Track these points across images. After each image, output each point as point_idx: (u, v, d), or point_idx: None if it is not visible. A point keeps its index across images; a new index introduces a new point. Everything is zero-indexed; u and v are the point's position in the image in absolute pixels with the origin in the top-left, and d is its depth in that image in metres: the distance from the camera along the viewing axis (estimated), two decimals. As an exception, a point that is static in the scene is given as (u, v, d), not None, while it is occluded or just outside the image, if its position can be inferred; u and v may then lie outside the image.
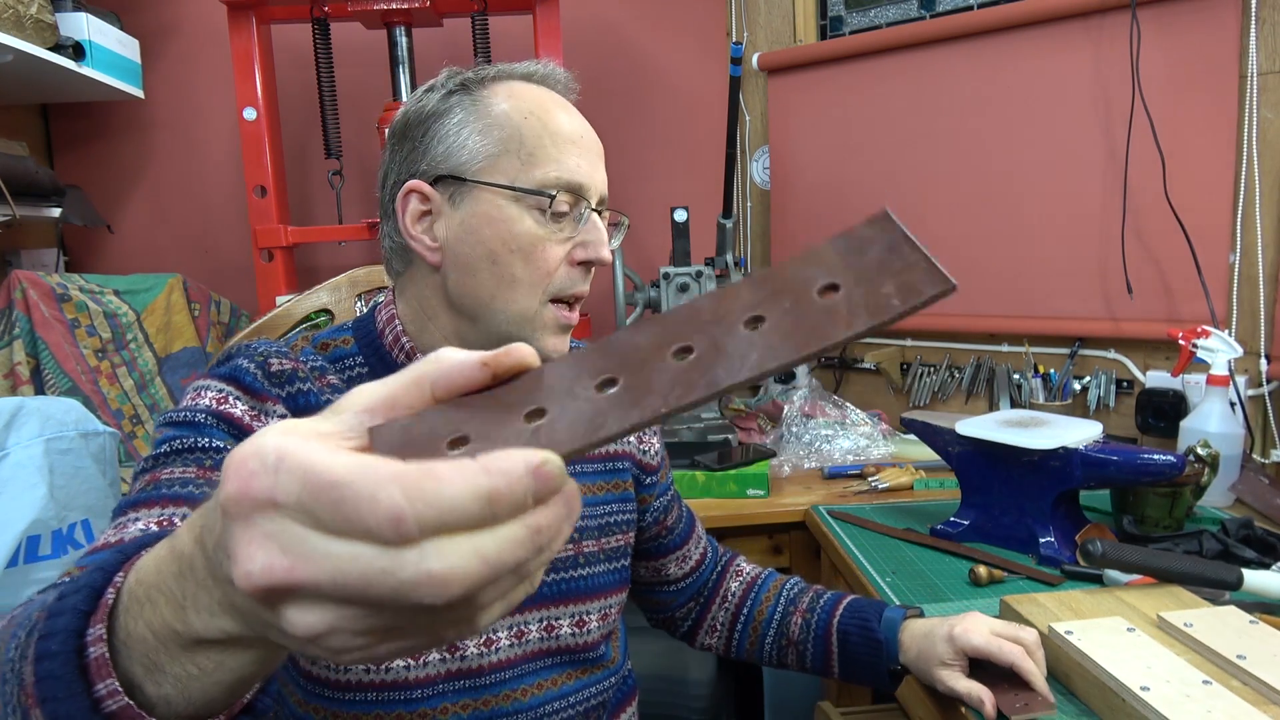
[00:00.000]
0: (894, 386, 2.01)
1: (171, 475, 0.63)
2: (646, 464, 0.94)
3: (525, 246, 0.73)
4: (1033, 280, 1.77)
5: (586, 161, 0.75)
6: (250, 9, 1.77)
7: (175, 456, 0.65)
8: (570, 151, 0.74)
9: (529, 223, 0.73)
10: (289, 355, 0.74)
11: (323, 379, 0.75)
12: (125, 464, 1.56)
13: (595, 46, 2.16)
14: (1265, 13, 1.45)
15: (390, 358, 0.78)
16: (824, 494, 1.53)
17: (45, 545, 1.05)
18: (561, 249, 0.74)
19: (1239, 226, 1.51)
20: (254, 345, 0.75)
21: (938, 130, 1.86)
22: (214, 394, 0.70)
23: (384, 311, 0.80)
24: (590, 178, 0.75)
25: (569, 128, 0.75)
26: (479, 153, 0.74)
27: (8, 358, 1.53)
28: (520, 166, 0.73)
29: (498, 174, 0.73)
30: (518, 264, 0.73)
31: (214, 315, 1.93)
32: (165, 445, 0.67)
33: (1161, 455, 1.10)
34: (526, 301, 0.74)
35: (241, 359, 0.72)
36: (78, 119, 2.07)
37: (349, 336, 0.80)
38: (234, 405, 0.69)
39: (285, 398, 0.71)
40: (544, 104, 0.75)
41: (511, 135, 0.73)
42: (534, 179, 0.73)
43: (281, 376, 0.72)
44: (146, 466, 0.66)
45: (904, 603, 1.01)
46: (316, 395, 0.73)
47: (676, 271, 1.67)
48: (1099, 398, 1.68)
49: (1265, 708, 0.71)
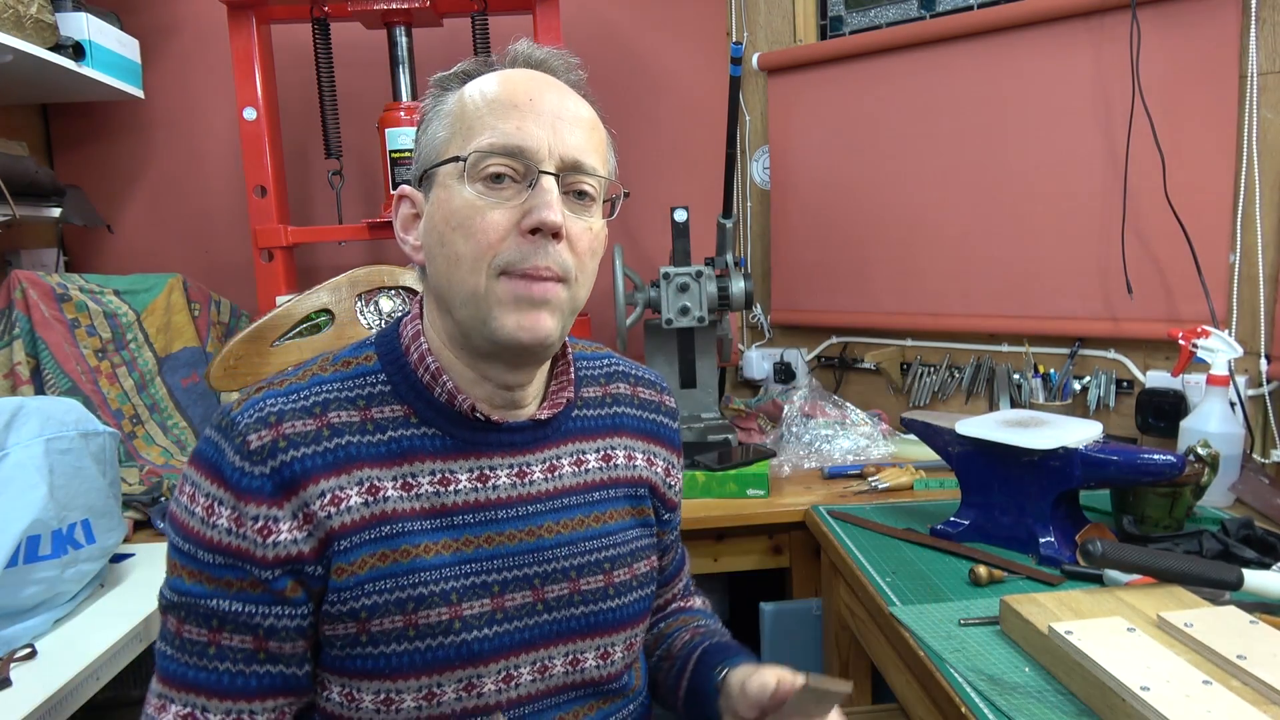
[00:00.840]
0: (894, 386, 2.01)
1: (193, 647, 0.69)
2: (669, 499, 0.90)
3: (463, 220, 0.69)
4: (1033, 280, 1.77)
5: (535, 124, 0.70)
6: (250, 9, 1.77)
7: (190, 615, 0.69)
8: (509, 116, 0.70)
9: (468, 194, 0.69)
10: (276, 415, 0.70)
11: (323, 419, 0.71)
12: (125, 464, 1.56)
13: (595, 47, 2.16)
14: (1265, 13, 1.45)
15: (415, 377, 0.75)
16: (824, 494, 1.53)
17: (45, 545, 1.05)
18: (504, 215, 0.69)
19: (1239, 226, 1.51)
20: (243, 414, 0.70)
21: (938, 130, 1.86)
22: (203, 502, 0.68)
23: (410, 326, 0.77)
24: (535, 139, 0.69)
25: (511, 94, 0.71)
26: (437, 142, 0.73)
27: (8, 358, 1.53)
28: (461, 144, 0.71)
29: (445, 156, 0.72)
30: (459, 239, 0.69)
31: (214, 315, 1.93)
32: (177, 596, 0.69)
33: (1161, 455, 1.10)
34: (473, 279, 0.69)
35: (225, 442, 0.69)
36: (78, 119, 2.07)
37: (371, 353, 0.77)
38: (219, 515, 0.68)
39: (270, 474, 0.68)
40: (497, 80, 0.73)
41: (458, 117, 0.72)
42: (468, 149, 0.70)
43: (262, 453, 0.68)
44: (167, 601, 0.70)
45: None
46: (304, 461, 0.69)
47: (676, 271, 1.67)
48: (1099, 398, 1.68)
49: (1265, 708, 0.71)
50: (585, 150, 0.72)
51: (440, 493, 0.73)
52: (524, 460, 0.77)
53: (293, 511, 0.68)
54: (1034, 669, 0.87)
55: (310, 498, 0.69)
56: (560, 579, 0.77)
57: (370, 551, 0.70)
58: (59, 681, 0.95)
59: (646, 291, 1.70)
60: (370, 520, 0.70)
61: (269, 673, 0.70)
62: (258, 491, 0.68)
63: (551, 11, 1.80)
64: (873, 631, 1.17)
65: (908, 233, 1.93)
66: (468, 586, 0.72)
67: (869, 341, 2.06)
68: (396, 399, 0.74)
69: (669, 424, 0.91)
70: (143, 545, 1.38)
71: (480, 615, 0.72)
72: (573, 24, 2.03)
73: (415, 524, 0.72)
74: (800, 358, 2.12)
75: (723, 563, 1.55)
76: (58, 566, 1.07)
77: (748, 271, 1.79)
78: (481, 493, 0.74)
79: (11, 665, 0.98)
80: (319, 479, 0.69)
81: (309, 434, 0.71)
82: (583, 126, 0.73)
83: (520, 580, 0.75)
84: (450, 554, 0.72)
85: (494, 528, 0.74)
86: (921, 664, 0.93)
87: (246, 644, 0.69)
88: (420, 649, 0.70)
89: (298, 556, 0.68)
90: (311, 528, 0.68)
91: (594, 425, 0.84)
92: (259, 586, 0.68)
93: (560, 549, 0.77)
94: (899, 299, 1.97)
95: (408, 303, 1.37)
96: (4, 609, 1.03)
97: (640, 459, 0.86)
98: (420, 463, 0.73)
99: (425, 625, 0.70)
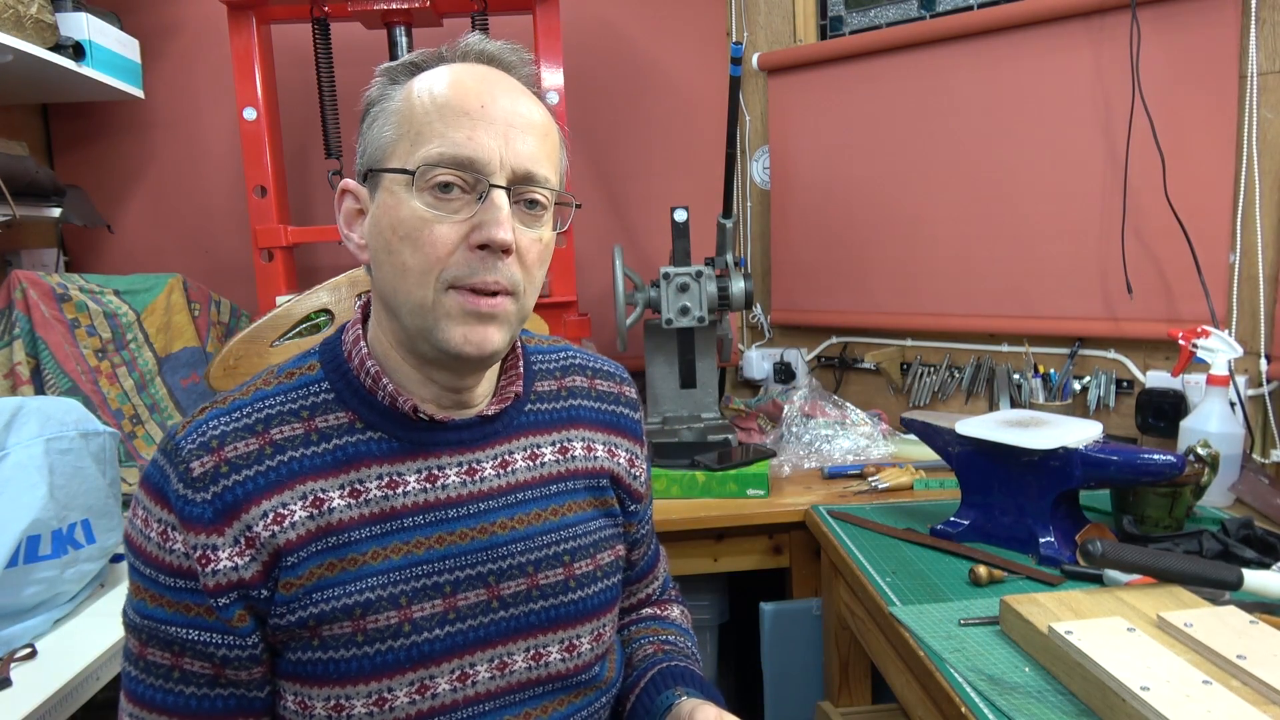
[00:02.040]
0: (894, 386, 2.01)
1: (157, 670, 0.70)
2: (635, 490, 0.89)
3: (411, 232, 0.68)
4: (1033, 280, 1.77)
5: (487, 134, 0.68)
6: (250, 9, 1.77)
7: (152, 639, 0.70)
8: (460, 124, 0.68)
9: (416, 205, 0.68)
10: (217, 439, 0.70)
11: (265, 436, 0.71)
12: (125, 464, 1.56)
13: (595, 46, 2.16)
14: (1265, 13, 1.45)
15: (357, 382, 0.74)
16: (824, 494, 1.53)
17: (45, 545, 1.05)
18: (452, 231, 0.67)
19: (1239, 226, 1.51)
20: (186, 439, 0.70)
21: (938, 130, 1.86)
22: (156, 528, 0.69)
23: (351, 331, 0.77)
24: (485, 150, 0.67)
25: (461, 99, 0.69)
26: (384, 140, 0.71)
27: (8, 358, 1.53)
28: (409, 150, 0.68)
29: (393, 160, 0.70)
30: (406, 250, 0.68)
31: (214, 315, 1.93)
32: (140, 618, 0.70)
33: (1161, 455, 1.10)
34: (420, 291, 0.68)
35: (170, 468, 0.69)
36: (78, 119, 2.07)
37: (315, 361, 0.77)
38: (173, 540, 0.68)
39: (211, 499, 0.68)
40: (447, 79, 0.70)
41: (406, 117, 0.70)
42: (416, 158, 0.68)
43: (204, 479, 0.68)
44: (130, 623, 0.71)
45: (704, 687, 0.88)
46: (245, 485, 0.69)
47: (676, 271, 1.67)
48: (1099, 398, 1.68)
49: (1265, 708, 0.71)
50: (537, 159, 0.71)
51: (389, 496, 0.72)
52: (473, 458, 0.77)
53: (234, 537, 0.68)
54: (1034, 669, 0.87)
55: (253, 519, 0.68)
56: (516, 574, 0.76)
57: (317, 564, 0.70)
58: (59, 681, 0.95)
59: (646, 291, 1.70)
60: (315, 533, 0.70)
61: (231, 694, 0.71)
62: (198, 519, 0.68)
63: (551, 11, 1.80)
64: (873, 631, 1.17)
65: (908, 233, 1.93)
66: (418, 589, 0.72)
67: (869, 341, 2.06)
68: (340, 406, 0.74)
69: (629, 415, 0.90)
70: (143, 545, 1.38)
71: (431, 616, 0.72)
72: (573, 24, 2.03)
73: (363, 530, 0.71)
74: (800, 358, 2.12)
75: (723, 563, 1.55)
76: (58, 566, 1.07)
77: (748, 271, 1.79)
78: (431, 493, 0.74)
79: (11, 665, 0.98)
80: (260, 500, 0.69)
81: (251, 454, 0.70)
82: (535, 133, 0.71)
83: (473, 579, 0.74)
84: (400, 557, 0.72)
85: (444, 527, 0.74)
86: (921, 664, 0.93)
87: (206, 669, 0.69)
88: (369, 654, 0.70)
89: (239, 582, 0.68)
90: (254, 551, 0.68)
91: (548, 418, 0.83)
92: (211, 614, 0.68)
93: (515, 544, 0.76)
94: (899, 299, 1.97)
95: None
96: (4, 609, 1.03)
97: (600, 450, 0.85)
98: (367, 468, 0.73)
99: (374, 630, 0.70)
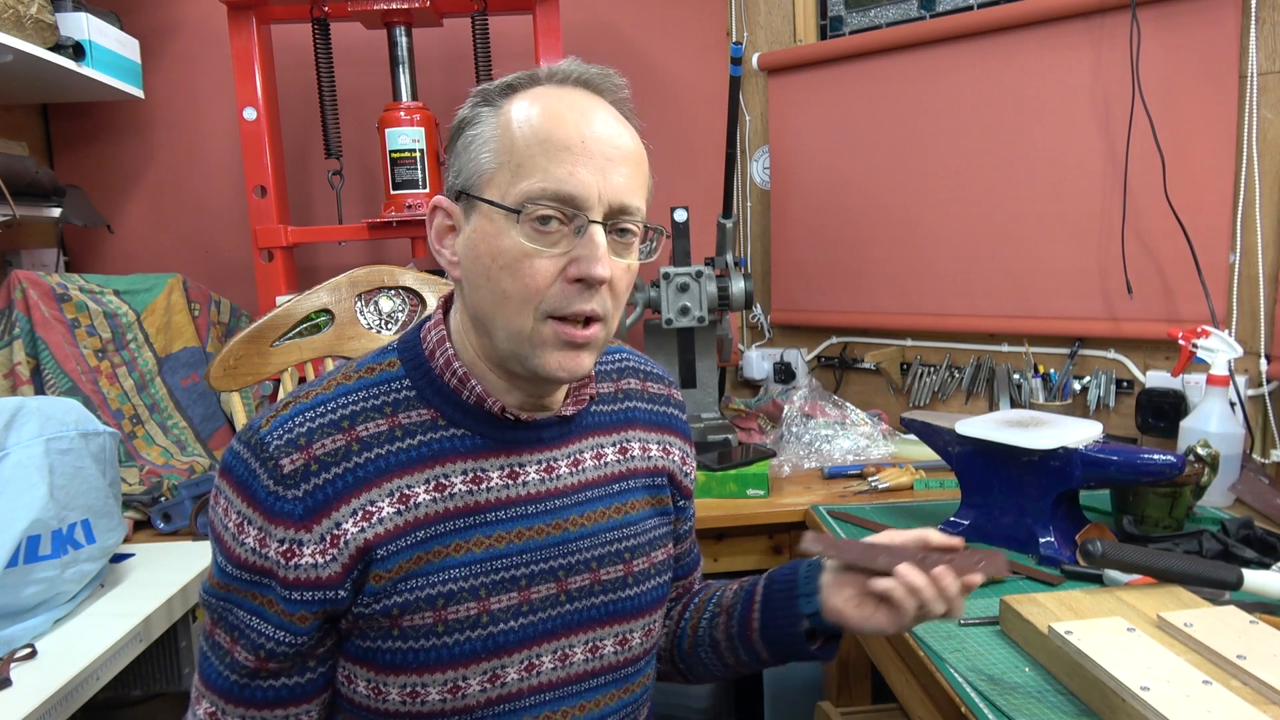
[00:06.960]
0: (894, 386, 2.01)
1: (218, 651, 0.73)
2: (685, 487, 0.92)
3: (511, 263, 0.70)
4: (1033, 280, 1.77)
5: (586, 169, 0.70)
6: (250, 9, 1.77)
7: (220, 620, 0.73)
8: (561, 159, 0.69)
9: (516, 237, 0.70)
10: (305, 436, 0.72)
11: (351, 432, 0.73)
12: (125, 464, 1.56)
13: (595, 47, 2.16)
14: (1265, 13, 1.45)
15: (440, 381, 0.76)
16: (824, 494, 1.53)
17: (45, 545, 1.05)
18: (551, 264, 0.70)
19: (1239, 226, 1.51)
20: (272, 434, 0.72)
21: (938, 130, 1.86)
22: (234, 519, 0.71)
23: (433, 331, 0.78)
24: (585, 187, 0.69)
25: (564, 133, 0.70)
26: (483, 167, 0.72)
27: (8, 358, 1.53)
28: (510, 179, 0.70)
29: (492, 189, 0.71)
30: (506, 280, 0.70)
31: (214, 315, 1.93)
32: (212, 598, 0.74)
33: (1161, 455, 1.10)
34: (519, 320, 0.71)
35: (257, 464, 0.71)
36: (78, 119, 2.07)
37: (395, 359, 0.78)
38: (247, 534, 0.70)
39: (303, 497, 0.70)
40: (548, 109, 0.72)
41: (506, 147, 0.71)
42: (519, 192, 0.69)
43: (295, 476, 0.70)
44: (205, 599, 0.74)
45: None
46: (335, 483, 0.71)
47: (676, 271, 1.67)
48: (1099, 398, 1.68)
49: (1265, 708, 0.71)
50: (631, 190, 0.73)
51: (473, 491, 0.75)
52: (551, 455, 0.80)
53: (321, 534, 0.70)
54: (1034, 669, 0.87)
55: (342, 517, 0.71)
56: (582, 570, 0.79)
57: (406, 557, 0.72)
58: (59, 681, 0.95)
59: (646, 291, 1.70)
60: (403, 528, 0.72)
61: (271, 686, 0.73)
62: (288, 515, 0.70)
63: (551, 12, 1.80)
64: (873, 631, 1.17)
65: (908, 233, 1.93)
66: (496, 581, 0.75)
67: (869, 341, 2.06)
68: (422, 403, 0.76)
69: (679, 415, 0.94)
70: (143, 545, 1.38)
71: (507, 608, 0.75)
72: (573, 24, 2.03)
73: (446, 524, 0.74)
74: (800, 358, 2.12)
75: (723, 563, 1.55)
76: (58, 566, 1.07)
77: (748, 271, 1.79)
78: (513, 489, 0.77)
79: (11, 665, 0.98)
80: (350, 498, 0.71)
81: (339, 451, 0.72)
82: (629, 163, 0.74)
83: (546, 573, 0.77)
84: (481, 550, 0.75)
85: (524, 523, 0.77)
86: (921, 664, 0.93)
87: (249, 662, 0.72)
88: (448, 643, 0.73)
89: (315, 581, 0.70)
90: (336, 551, 0.70)
91: (609, 420, 0.86)
92: (274, 605, 0.70)
93: (583, 540, 0.79)
94: (899, 299, 1.97)
95: (407, 303, 1.37)
96: (4, 609, 1.03)
97: (655, 449, 0.88)
98: (452, 463, 0.75)
99: (454, 620, 0.73)
